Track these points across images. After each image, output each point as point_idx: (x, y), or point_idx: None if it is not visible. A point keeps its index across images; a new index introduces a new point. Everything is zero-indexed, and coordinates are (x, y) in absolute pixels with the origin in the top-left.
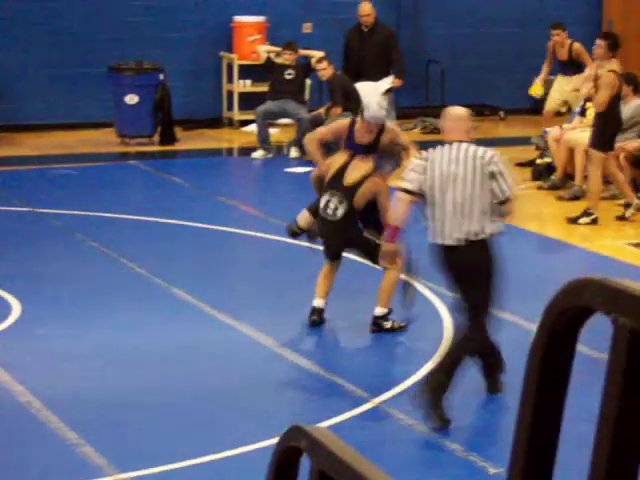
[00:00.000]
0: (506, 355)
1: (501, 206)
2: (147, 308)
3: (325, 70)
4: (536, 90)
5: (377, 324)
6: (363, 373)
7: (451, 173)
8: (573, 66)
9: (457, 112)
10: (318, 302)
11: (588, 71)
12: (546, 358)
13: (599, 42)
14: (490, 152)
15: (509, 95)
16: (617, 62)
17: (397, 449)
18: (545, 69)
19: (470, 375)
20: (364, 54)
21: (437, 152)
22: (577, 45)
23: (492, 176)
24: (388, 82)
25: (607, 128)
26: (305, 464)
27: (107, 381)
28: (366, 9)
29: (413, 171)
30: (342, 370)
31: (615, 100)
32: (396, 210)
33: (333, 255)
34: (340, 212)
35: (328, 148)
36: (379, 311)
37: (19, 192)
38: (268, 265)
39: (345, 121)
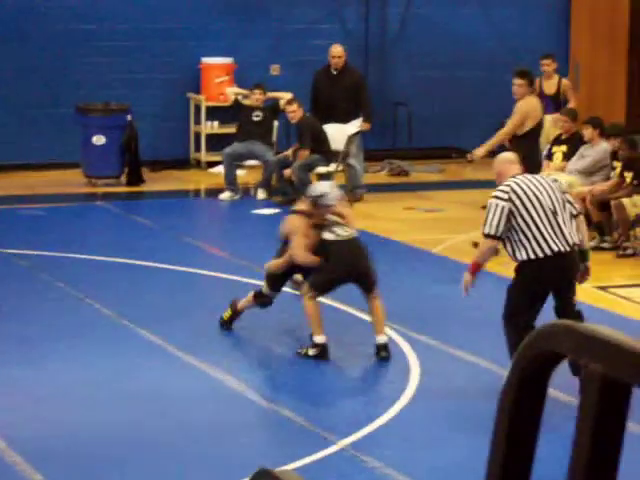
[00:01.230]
0: (476, 400)
1: None
2: (113, 349)
3: (295, 112)
4: None
5: (388, 350)
6: (329, 415)
7: None
8: (556, 102)
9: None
10: (324, 338)
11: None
12: (517, 402)
13: (520, 81)
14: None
15: (476, 138)
16: (536, 97)
17: None
18: None
19: (443, 411)
20: (333, 97)
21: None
22: (566, 82)
23: None
24: (356, 125)
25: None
26: None
27: (71, 422)
28: (338, 51)
29: None
30: (307, 412)
31: (527, 136)
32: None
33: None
34: (350, 232)
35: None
36: (385, 338)
37: None
38: None
39: (299, 221)
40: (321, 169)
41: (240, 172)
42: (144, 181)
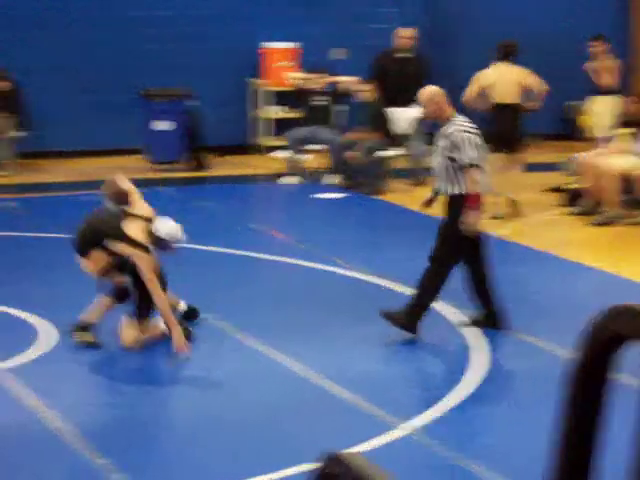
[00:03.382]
0: (540, 383)
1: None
2: None
3: (369, 92)
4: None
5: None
6: (393, 399)
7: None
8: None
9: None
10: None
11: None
12: (582, 386)
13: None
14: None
15: (539, 120)
16: (494, 68)
17: (428, 476)
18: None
19: (508, 395)
20: (403, 81)
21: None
22: (608, 62)
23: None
24: (418, 111)
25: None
26: None
27: (139, 408)
28: (409, 32)
29: None
30: (371, 396)
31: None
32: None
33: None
34: None
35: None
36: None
37: (51, 218)
38: (296, 290)
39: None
40: (383, 153)
41: (303, 156)
42: (207, 166)
